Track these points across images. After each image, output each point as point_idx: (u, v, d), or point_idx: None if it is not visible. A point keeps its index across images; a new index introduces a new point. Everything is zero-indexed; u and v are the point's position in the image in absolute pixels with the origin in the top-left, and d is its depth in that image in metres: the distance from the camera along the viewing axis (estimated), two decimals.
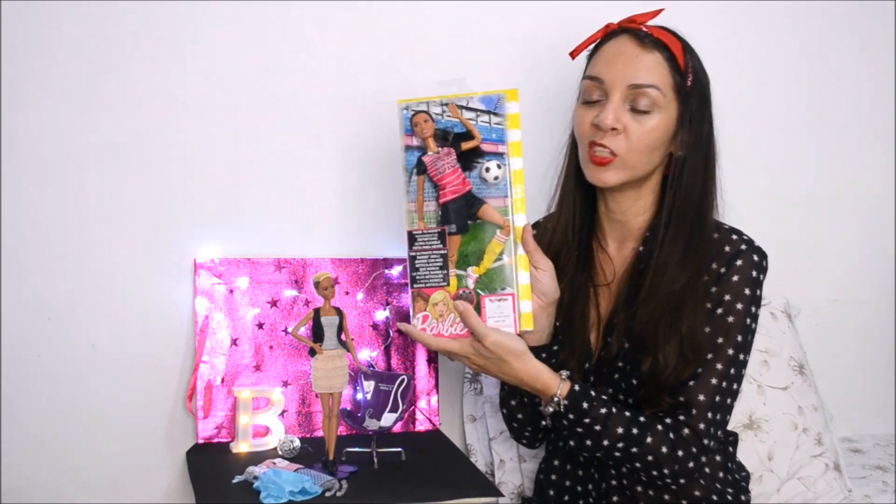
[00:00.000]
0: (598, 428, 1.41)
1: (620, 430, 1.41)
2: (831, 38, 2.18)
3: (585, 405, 1.41)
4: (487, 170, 1.41)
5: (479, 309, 1.40)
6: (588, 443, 1.43)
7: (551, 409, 1.43)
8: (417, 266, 1.40)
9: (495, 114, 1.41)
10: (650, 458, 1.41)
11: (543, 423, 1.50)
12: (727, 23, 2.06)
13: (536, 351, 1.44)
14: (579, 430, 1.42)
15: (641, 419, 1.42)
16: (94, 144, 1.75)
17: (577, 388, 1.42)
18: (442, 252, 1.40)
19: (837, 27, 2.18)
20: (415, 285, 1.40)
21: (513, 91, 1.41)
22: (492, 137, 1.40)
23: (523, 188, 1.41)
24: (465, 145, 1.41)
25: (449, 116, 1.41)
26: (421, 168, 1.42)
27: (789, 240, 2.11)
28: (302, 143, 1.86)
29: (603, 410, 1.42)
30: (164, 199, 1.79)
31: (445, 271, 1.40)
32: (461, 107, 1.41)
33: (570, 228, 1.55)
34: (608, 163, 1.45)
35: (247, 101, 1.82)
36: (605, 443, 1.42)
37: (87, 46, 1.73)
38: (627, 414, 1.43)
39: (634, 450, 1.41)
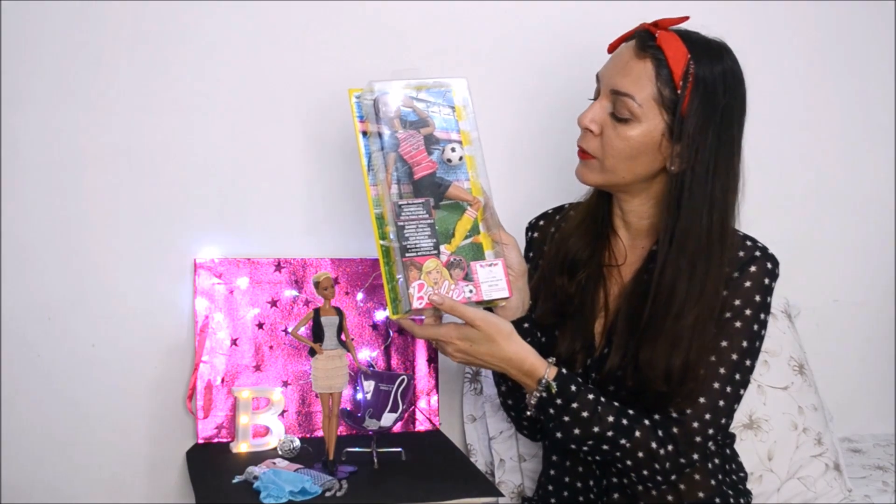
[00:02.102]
0: (586, 414, 1.40)
1: (611, 419, 1.40)
2: (831, 38, 2.18)
3: (573, 388, 1.41)
4: (453, 150, 1.42)
5: (470, 276, 1.40)
6: (576, 431, 1.41)
7: (537, 396, 1.41)
8: (407, 235, 1.39)
9: (445, 105, 1.45)
10: (640, 453, 1.40)
11: (529, 413, 1.47)
12: (727, 23, 2.05)
13: (531, 333, 1.47)
14: (566, 417, 1.41)
15: (630, 412, 1.42)
16: (94, 144, 1.75)
17: (564, 371, 1.42)
18: (429, 222, 1.40)
19: (837, 27, 2.18)
20: (406, 254, 1.39)
21: (458, 83, 1.45)
22: (443, 126, 1.44)
23: (476, 173, 1.44)
24: (423, 131, 1.43)
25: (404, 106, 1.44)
26: (393, 144, 1.41)
27: (789, 240, 2.11)
28: (302, 144, 1.86)
29: (591, 396, 1.41)
30: (164, 199, 1.79)
31: (434, 240, 1.40)
32: (413, 98, 1.43)
33: (596, 219, 1.55)
34: (588, 159, 1.47)
35: (247, 102, 1.82)
36: (595, 430, 1.40)
37: (87, 46, 1.73)
38: (616, 404, 1.42)
39: (623, 441, 1.40)
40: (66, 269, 1.75)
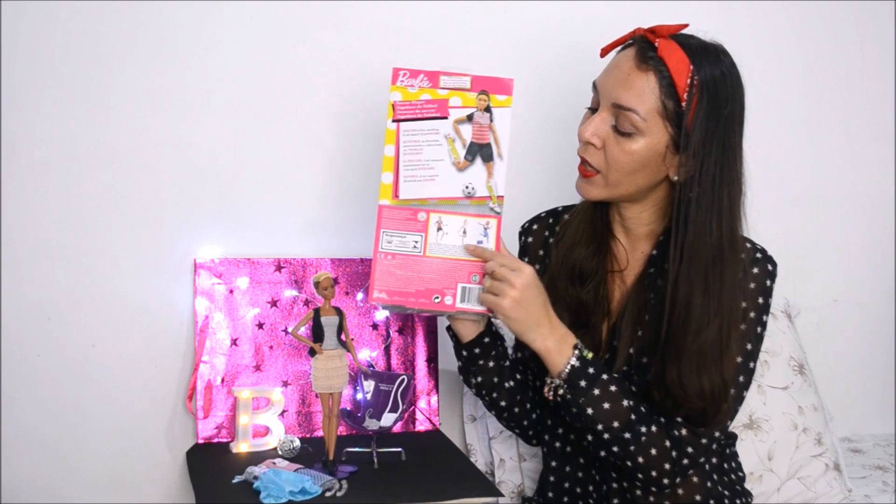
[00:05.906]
0: (614, 388, 1.38)
1: (633, 403, 1.39)
2: (831, 38, 2.18)
3: (600, 367, 1.40)
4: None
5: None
6: (605, 406, 1.37)
7: (571, 365, 1.37)
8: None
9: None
10: (653, 450, 1.39)
11: (548, 395, 1.42)
12: (727, 23, 2.05)
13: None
14: (597, 390, 1.37)
15: (643, 408, 1.41)
16: (94, 144, 1.75)
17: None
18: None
19: (837, 27, 2.18)
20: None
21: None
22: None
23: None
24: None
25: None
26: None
27: (789, 240, 2.11)
28: (302, 143, 1.86)
29: (615, 375, 1.41)
30: (164, 199, 1.79)
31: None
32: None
33: (596, 226, 1.54)
34: (590, 176, 1.45)
35: (247, 101, 1.82)
36: (624, 404, 1.37)
37: (87, 46, 1.73)
38: (634, 394, 1.42)
39: (643, 429, 1.38)
40: (65, 269, 1.75)
